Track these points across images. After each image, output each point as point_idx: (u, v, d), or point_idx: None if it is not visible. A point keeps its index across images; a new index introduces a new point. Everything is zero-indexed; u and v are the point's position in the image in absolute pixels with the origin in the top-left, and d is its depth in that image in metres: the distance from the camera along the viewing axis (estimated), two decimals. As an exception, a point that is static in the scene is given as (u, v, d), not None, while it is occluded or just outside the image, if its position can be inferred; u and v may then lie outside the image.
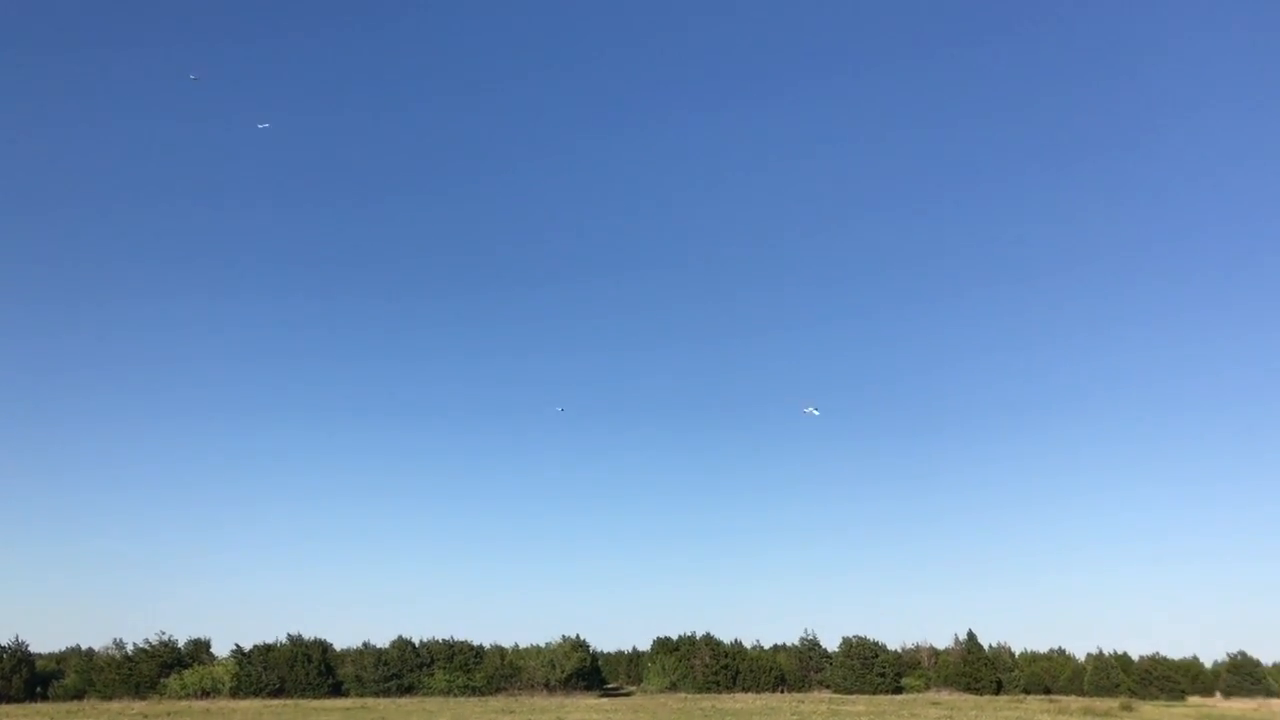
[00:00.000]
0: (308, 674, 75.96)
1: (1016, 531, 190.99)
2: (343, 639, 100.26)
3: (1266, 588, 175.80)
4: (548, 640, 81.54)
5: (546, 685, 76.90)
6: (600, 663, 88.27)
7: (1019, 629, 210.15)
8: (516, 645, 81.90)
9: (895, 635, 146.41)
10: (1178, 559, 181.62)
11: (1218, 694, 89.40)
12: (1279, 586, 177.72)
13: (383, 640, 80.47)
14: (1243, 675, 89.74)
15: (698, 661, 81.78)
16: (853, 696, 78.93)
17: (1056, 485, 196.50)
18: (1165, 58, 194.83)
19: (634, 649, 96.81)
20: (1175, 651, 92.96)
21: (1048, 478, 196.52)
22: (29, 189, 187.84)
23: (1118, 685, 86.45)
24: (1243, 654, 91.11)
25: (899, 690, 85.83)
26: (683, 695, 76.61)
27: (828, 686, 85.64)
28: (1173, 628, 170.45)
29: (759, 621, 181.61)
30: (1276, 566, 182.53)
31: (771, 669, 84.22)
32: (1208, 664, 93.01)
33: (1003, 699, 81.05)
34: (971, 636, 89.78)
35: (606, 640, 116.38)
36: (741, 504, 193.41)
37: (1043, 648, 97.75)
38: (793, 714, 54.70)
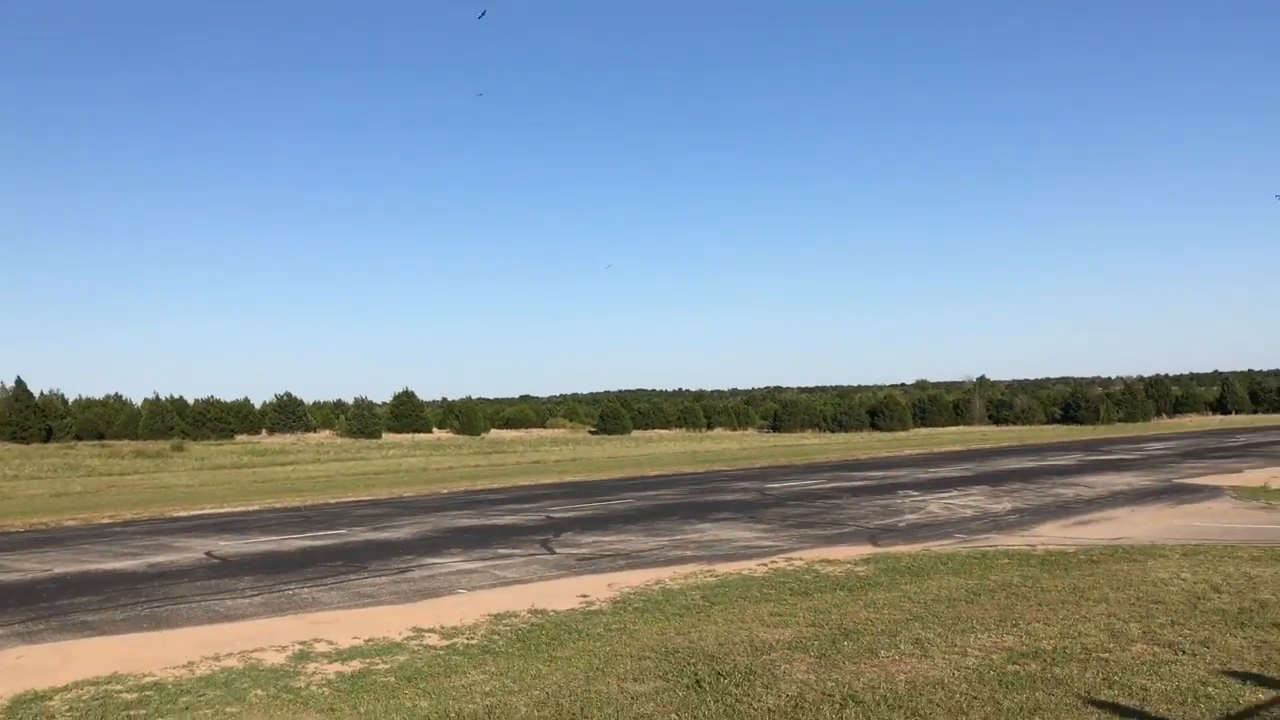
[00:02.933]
0: None
1: (76, 274, 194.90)
2: None
3: (312, 338, 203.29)
4: None
5: None
6: None
7: (76, 376, 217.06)
8: None
9: None
10: (225, 311, 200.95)
11: (264, 431, 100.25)
12: (322, 337, 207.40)
13: None
14: (287, 414, 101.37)
15: None
16: None
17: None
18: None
19: None
20: (229, 395, 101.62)
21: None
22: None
23: (172, 428, 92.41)
24: (289, 395, 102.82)
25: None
26: None
27: None
28: (225, 373, 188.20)
29: None
30: (322, 320, 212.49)
31: None
32: (258, 405, 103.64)
33: (53, 446, 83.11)
34: (20, 383, 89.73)
35: None
36: None
37: (100, 394, 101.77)
38: None
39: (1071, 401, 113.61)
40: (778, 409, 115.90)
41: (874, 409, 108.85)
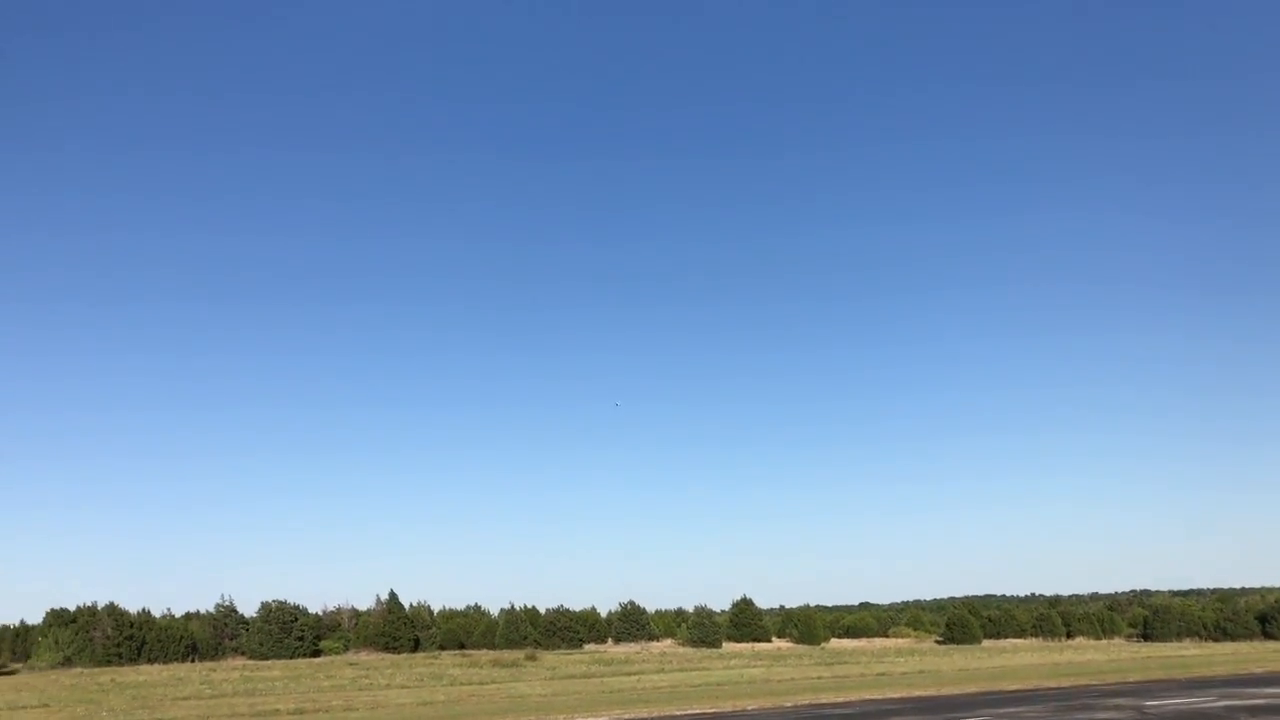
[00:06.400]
0: None
1: (440, 495, 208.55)
2: None
3: (652, 546, 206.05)
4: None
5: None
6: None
7: (440, 588, 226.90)
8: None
9: (317, 599, 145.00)
10: (571, 522, 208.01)
11: (610, 640, 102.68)
12: (662, 545, 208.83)
13: None
14: (630, 622, 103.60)
15: (98, 633, 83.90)
16: (269, 662, 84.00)
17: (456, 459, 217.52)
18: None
19: (22, 623, 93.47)
20: (576, 604, 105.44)
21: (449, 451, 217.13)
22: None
23: (525, 637, 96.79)
24: (632, 603, 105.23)
25: (317, 653, 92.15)
26: (78, 670, 77.36)
27: (243, 654, 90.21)
28: (574, 582, 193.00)
29: (172, 588, 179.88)
30: (661, 529, 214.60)
31: (183, 638, 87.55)
32: (603, 613, 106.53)
33: (419, 655, 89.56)
34: (393, 596, 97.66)
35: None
36: (148, 461, 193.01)
37: (461, 605, 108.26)
38: (202, 683, 53.95)
39: None
40: (1147, 615, 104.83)
41: (1264, 614, 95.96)
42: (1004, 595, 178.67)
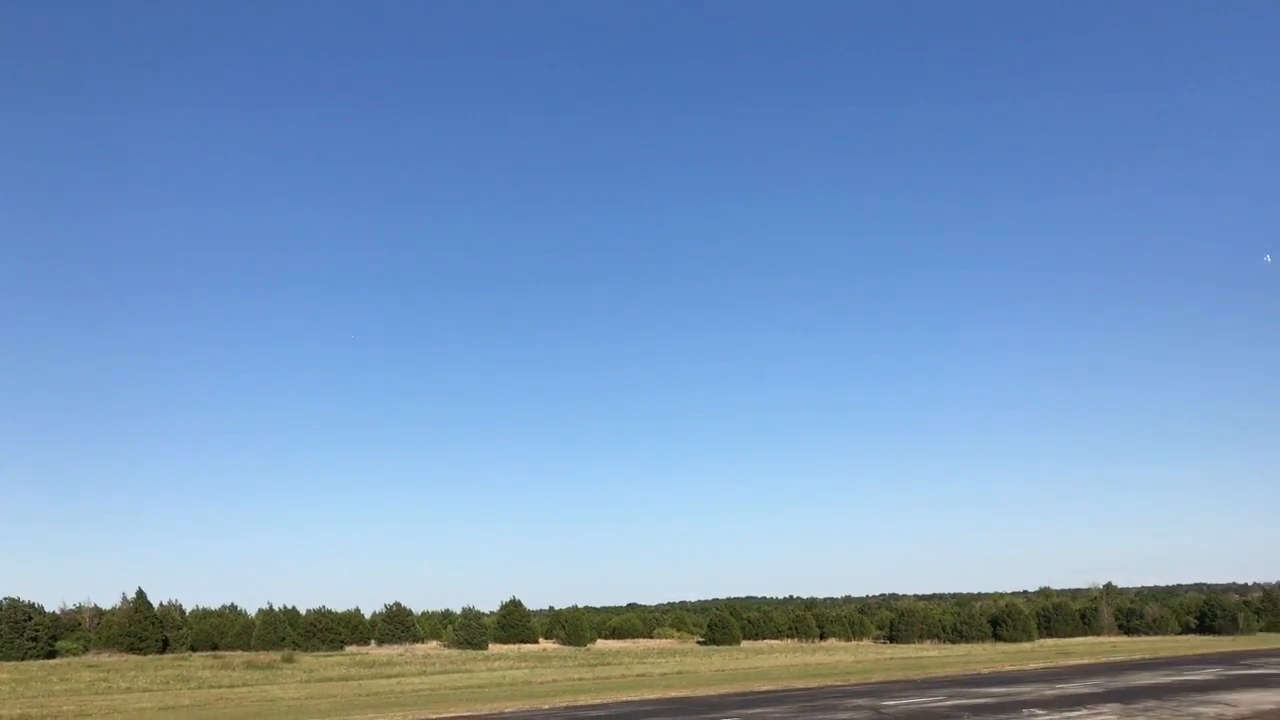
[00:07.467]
0: None
1: (196, 490, 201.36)
2: None
3: (421, 547, 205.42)
4: None
5: None
6: None
7: (194, 587, 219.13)
8: None
9: (55, 596, 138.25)
10: (336, 523, 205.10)
11: (373, 642, 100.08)
12: (431, 547, 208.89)
13: None
14: (395, 624, 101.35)
15: None
16: (-6, 664, 77.45)
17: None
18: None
19: None
20: (340, 605, 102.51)
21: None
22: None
23: (284, 638, 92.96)
24: (398, 604, 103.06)
25: (53, 655, 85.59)
26: None
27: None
28: (336, 582, 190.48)
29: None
30: (431, 530, 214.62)
31: (-107, 639, 79.83)
32: (368, 615, 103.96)
33: (167, 657, 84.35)
34: (140, 594, 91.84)
35: None
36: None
37: (216, 604, 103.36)
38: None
39: (1206, 610, 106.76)
40: (894, 618, 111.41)
41: (996, 618, 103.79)
42: (764, 597, 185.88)
